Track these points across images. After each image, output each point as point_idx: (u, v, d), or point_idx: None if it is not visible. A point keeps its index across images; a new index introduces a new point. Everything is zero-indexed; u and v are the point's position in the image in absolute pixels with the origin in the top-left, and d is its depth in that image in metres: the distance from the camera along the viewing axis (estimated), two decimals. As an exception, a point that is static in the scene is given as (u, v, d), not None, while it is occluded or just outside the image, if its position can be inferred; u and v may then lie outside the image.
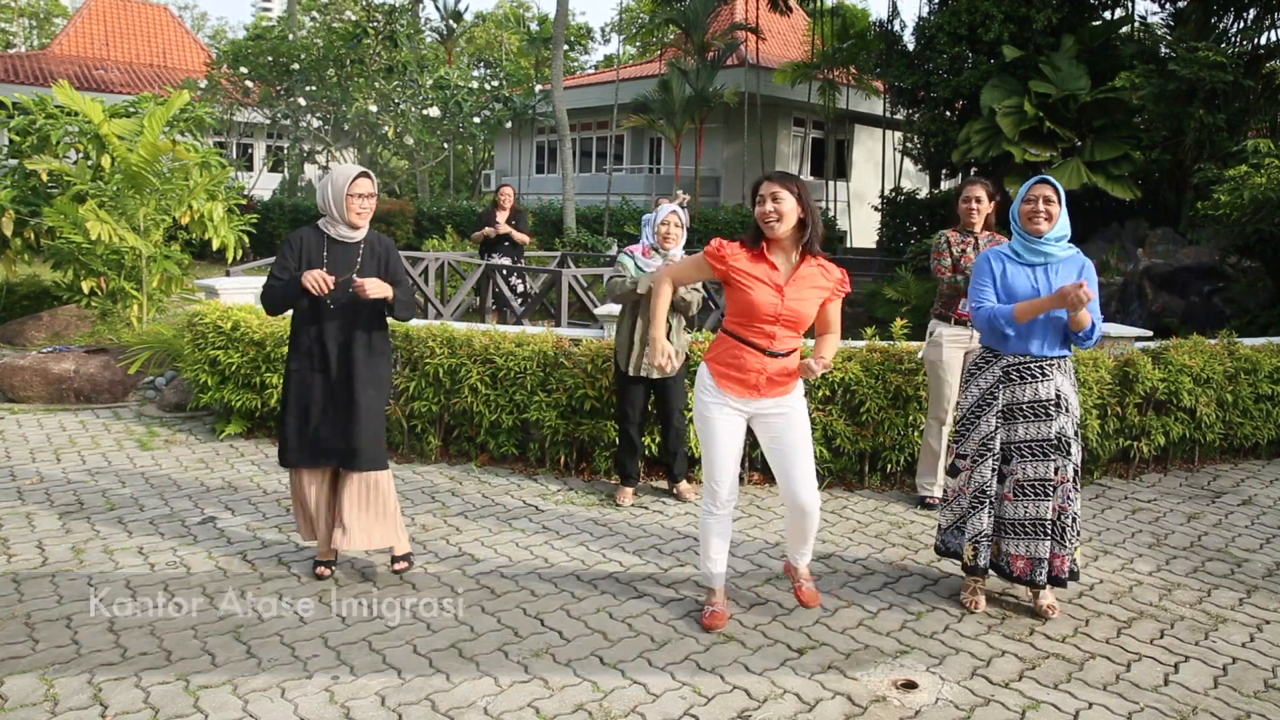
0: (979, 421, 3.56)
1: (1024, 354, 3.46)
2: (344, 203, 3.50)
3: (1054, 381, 3.45)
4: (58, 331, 8.77)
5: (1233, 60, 12.53)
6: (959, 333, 4.65)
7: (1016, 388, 3.48)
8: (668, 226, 4.57)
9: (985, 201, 4.63)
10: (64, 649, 3.11)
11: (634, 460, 4.82)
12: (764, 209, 3.14)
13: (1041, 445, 3.45)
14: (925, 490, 4.89)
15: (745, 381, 3.24)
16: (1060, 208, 3.39)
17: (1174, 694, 3.01)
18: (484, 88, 21.76)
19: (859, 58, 21.40)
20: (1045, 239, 3.40)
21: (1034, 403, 3.45)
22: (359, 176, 3.53)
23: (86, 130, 8.37)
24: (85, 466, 5.19)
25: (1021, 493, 3.49)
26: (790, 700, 2.91)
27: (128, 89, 22.85)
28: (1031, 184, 3.44)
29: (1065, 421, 3.45)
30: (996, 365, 3.54)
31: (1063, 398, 3.45)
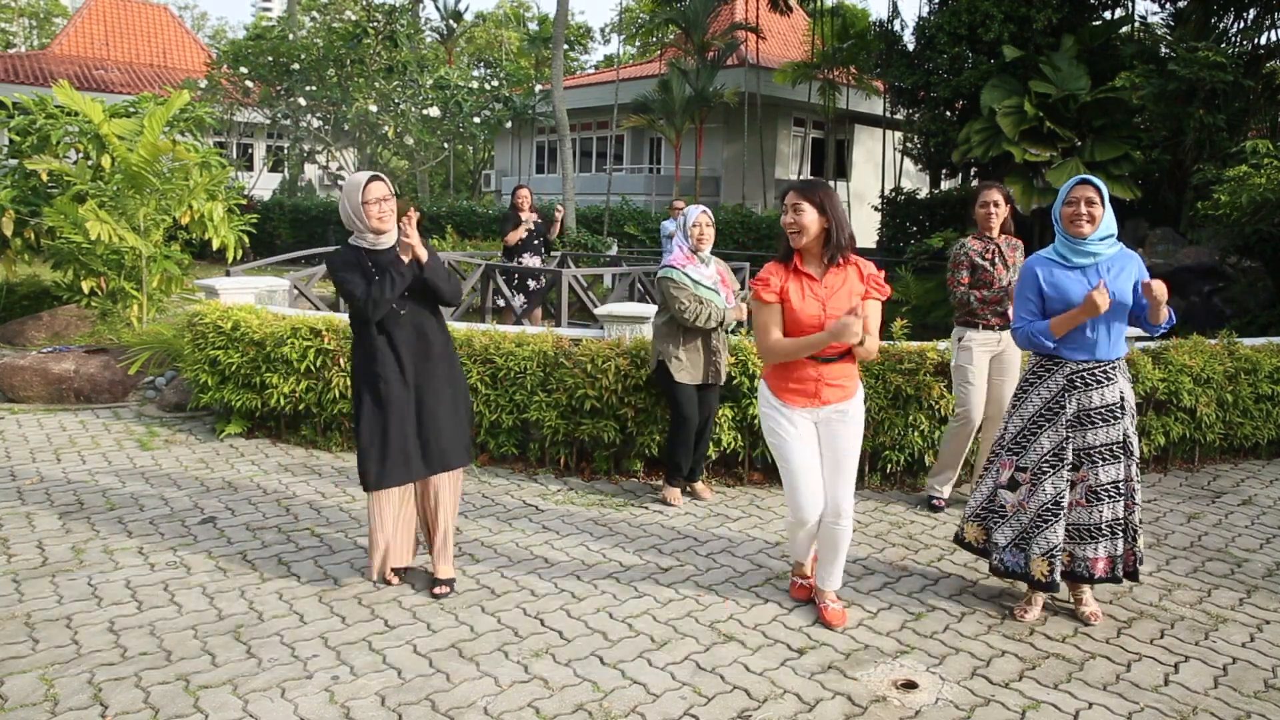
0: (1043, 432, 3.45)
1: (1090, 359, 3.40)
2: (362, 211, 3.43)
3: (1118, 384, 3.41)
4: (58, 331, 8.77)
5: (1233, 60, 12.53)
6: (988, 337, 4.64)
7: (1082, 394, 3.40)
8: (700, 228, 4.59)
9: (1003, 205, 4.62)
10: (64, 649, 3.11)
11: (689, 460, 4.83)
12: (786, 220, 3.22)
13: (1113, 449, 3.40)
14: (935, 492, 4.86)
15: (804, 390, 3.29)
16: (1103, 208, 3.31)
17: (1174, 694, 3.01)
18: (484, 88, 21.76)
19: (859, 58, 21.41)
20: (1090, 239, 3.34)
21: (1104, 407, 3.39)
22: (370, 181, 3.44)
23: (86, 130, 8.38)
24: (85, 466, 5.19)
25: (1096, 498, 3.42)
26: (790, 700, 2.91)
27: (128, 89, 22.86)
28: (1072, 185, 3.36)
29: (1129, 423, 3.42)
30: (1059, 373, 3.43)
31: (1125, 399, 3.42)
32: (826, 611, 3.47)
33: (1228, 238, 10.02)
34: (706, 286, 4.59)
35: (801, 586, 3.68)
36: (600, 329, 5.78)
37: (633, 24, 35.79)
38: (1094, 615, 3.51)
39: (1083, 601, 3.56)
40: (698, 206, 4.66)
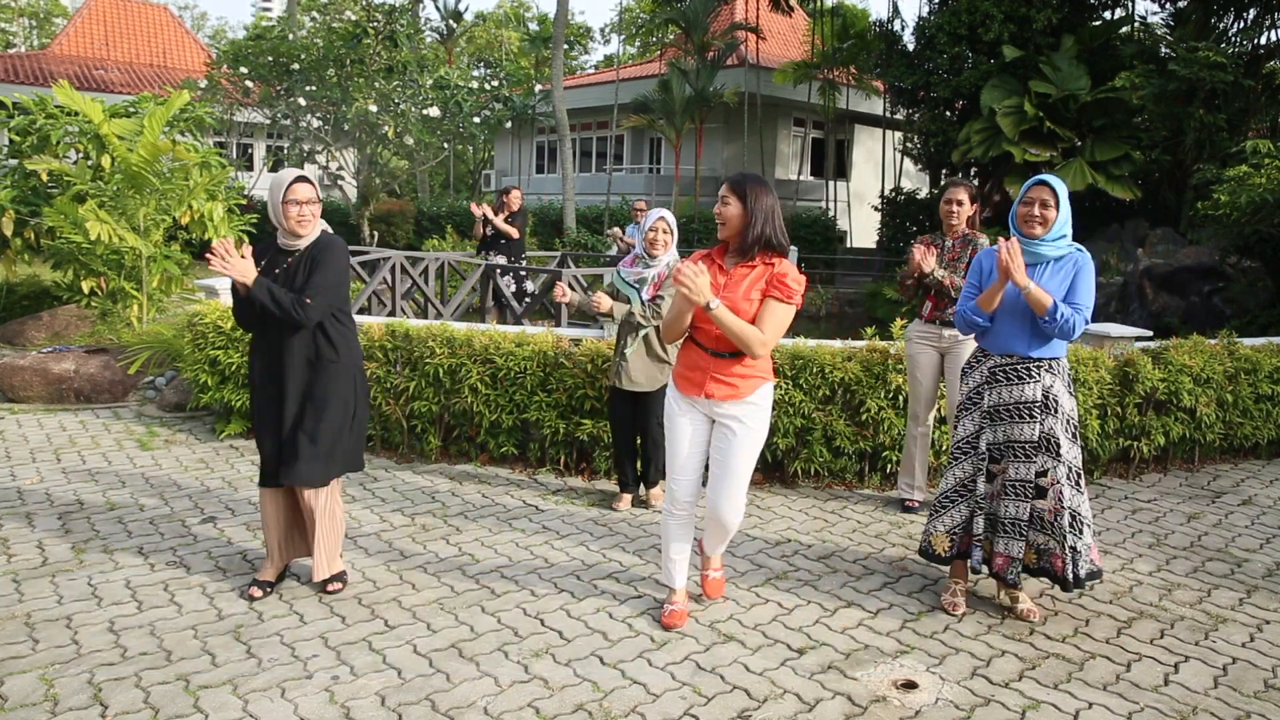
0: (964, 419, 3.60)
1: (1010, 354, 3.46)
2: (280, 210, 3.37)
3: (1041, 382, 3.42)
4: (58, 331, 8.77)
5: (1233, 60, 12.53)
6: (927, 330, 4.66)
7: (1002, 388, 3.47)
8: (655, 233, 4.44)
9: (967, 204, 4.61)
10: (64, 649, 3.11)
11: (631, 467, 4.80)
12: (715, 209, 3.23)
13: (1024, 446, 3.44)
14: (904, 492, 4.86)
15: (693, 379, 3.26)
16: (1057, 211, 3.35)
17: (1174, 694, 3.01)
18: (484, 88, 21.75)
19: (859, 58, 21.41)
20: (1040, 240, 3.37)
21: (1019, 404, 3.44)
22: (295, 181, 3.36)
23: (86, 130, 8.38)
24: (85, 466, 5.19)
25: (1005, 492, 3.49)
26: (790, 700, 2.91)
27: (128, 89, 22.87)
28: (1030, 185, 3.42)
29: (1053, 423, 3.42)
30: (984, 365, 3.55)
31: (1051, 398, 3.42)
32: (707, 581, 3.57)
33: (1228, 238, 10.03)
34: (627, 283, 4.51)
35: (674, 611, 3.43)
36: (600, 329, 5.78)
37: (633, 24, 35.81)
38: (1029, 612, 3.52)
39: (1015, 600, 3.58)
40: (659, 211, 4.53)
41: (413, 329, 5.42)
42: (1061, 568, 3.47)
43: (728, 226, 3.18)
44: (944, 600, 3.63)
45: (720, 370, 3.20)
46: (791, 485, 5.14)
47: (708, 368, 3.21)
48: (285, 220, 3.38)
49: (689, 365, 3.28)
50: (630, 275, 4.52)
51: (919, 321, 4.72)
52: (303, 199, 3.36)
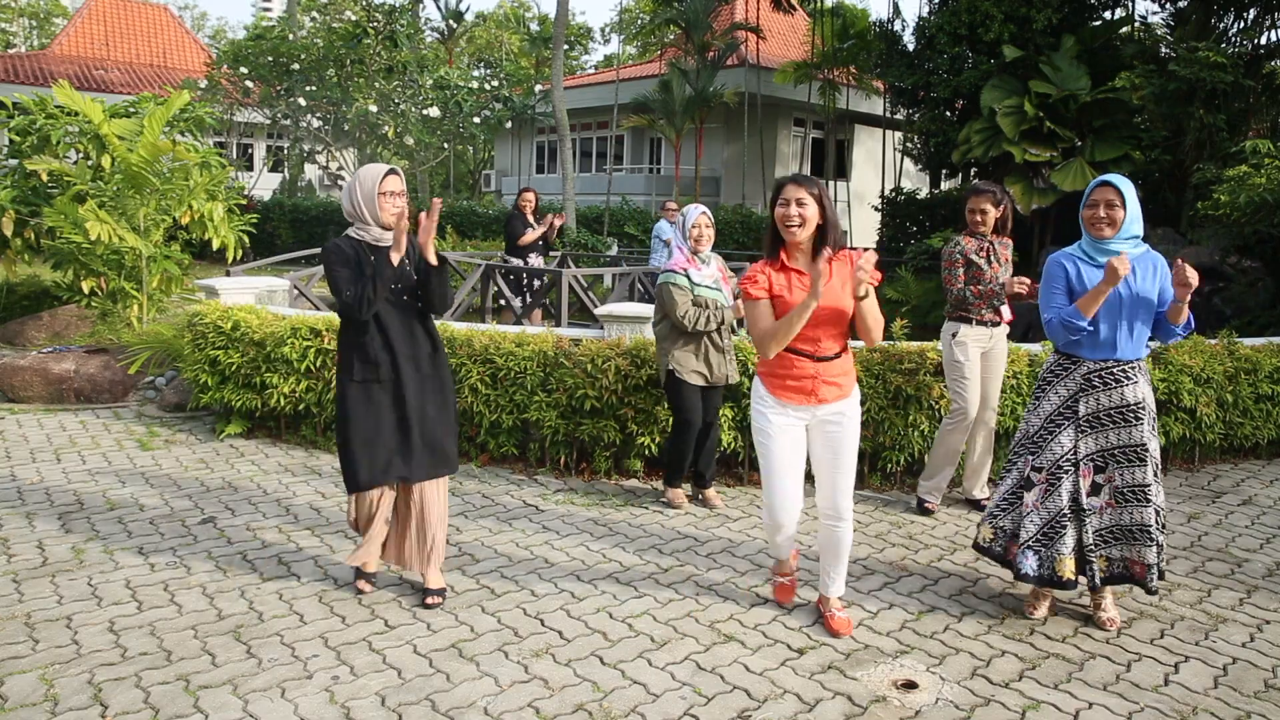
0: (1061, 432, 3.43)
1: (1108, 359, 3.37)
2: (375, 202, 3.34)
3: (1138, 385, 3.37)
4: (58, 331, 8.77)
5: (1233, 60, 12.53)
6: (981, 333, 4.65)
7: (1101, 394, 3.37)
8: (699, 229, 4.56)
9: (991, 211, 4.63)
10: (64, 649, 3.11)
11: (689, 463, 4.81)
12: (786, 211, 3.14)
13: (1136, 450, 3.36)
14: (927, 496, 4.81)
15: (801, 388, 3.23)
16: (1124, 210, 3.28)
17: (1174, 694, 3.01)
18: (484, 88, 21.76)
19: (859, 58, 21.41)
20: (1112, 240, 3.31)
21: (1122, 408, 3.36)
22: (389, 174, 3.36)
23: (87, 130, 8.38)
24: (85, 466, 5.19)
25: (1123, 499, 3.40)
26: (790, 700, 2.91)
27: (128, 89, 22.86)
28: (1094, 186, 3.33)
29: (1148, 425, 3.38)
30: (1076, 373, 3.40)
31: (1146, 402, 3.38)
32: (833, 620, 3.40)
33: (1228, 238, 10.02)
34: (708, 286, 4.58)
35: (783, 586, 3.63)
36: (600, 329, 5.78)
37: (633, 24, 35.80)
38: (1110, 621, 3.47)
39: (1101, 606, 3.51)
40: (697, 207, 4.62)
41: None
42: (1143, 572, 3.42)
43: (806, 227, 3.14)
44: (1031, 608, 3.57)
45: (828, 374, 3.23)
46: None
47: (816, 374, 3.22)
48: (379, 212, 3.36)
49: (792, 375, 3.23)
50: (707, 278, 4.61)
51: (966, 325, 4.65)
52: (396, 190, 3.38)
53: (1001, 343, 4.74)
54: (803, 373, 3.23)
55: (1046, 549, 3.45)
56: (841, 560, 3.41)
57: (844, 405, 3.29)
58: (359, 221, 3.40)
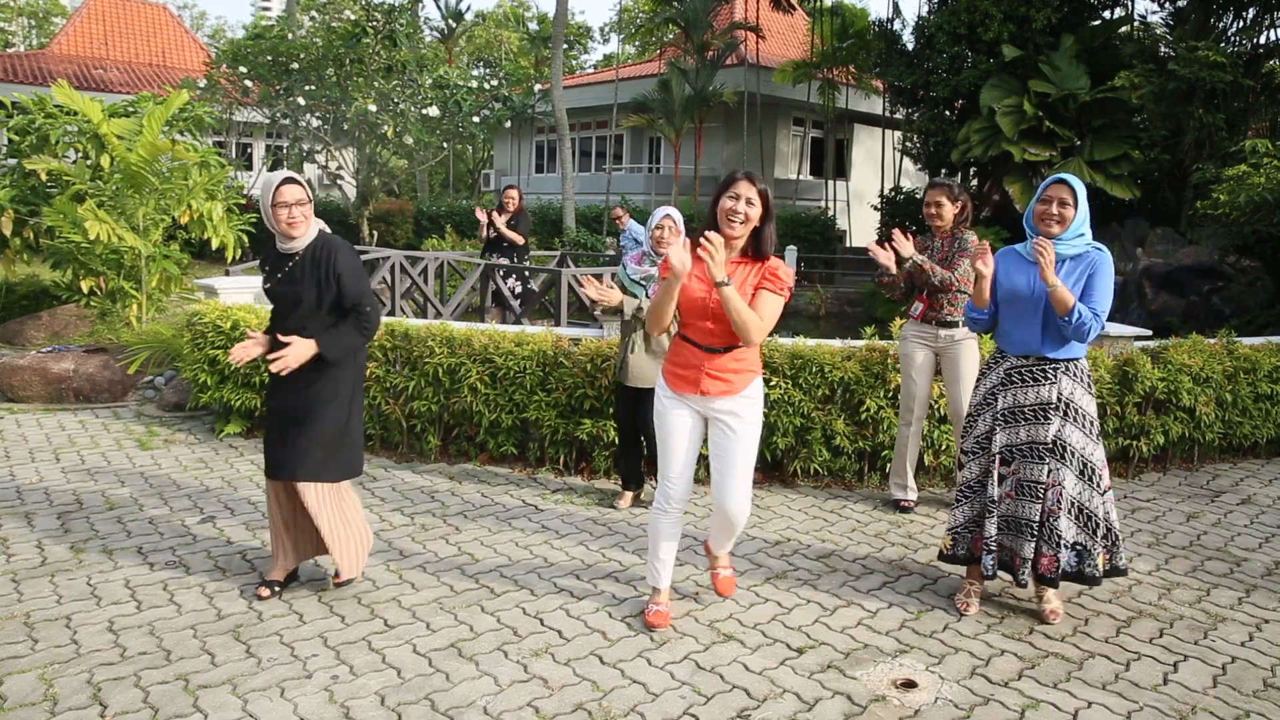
0: (979, 419, 3.58)
1: (1027, 355, 3.44)
2: (270, 214, 3.32)
3: (1057, 385, 3.40)
4: (57, 331, 8.76)
5: (1232, 60, 12.53)
6: (922, 330, 4.66)
7: (1018, 390, 3.46)
8: (662, 231, 4.46)
9: (947, 205, 4.61)
10: (63, 648, 3.11)
11: (634, 465, 4.80)
12: (734, 206, 3.11)
13: (1037, 448, 3.42)
14: (897, 493, 4.84)
15: (686, 377, 3.23)
16: (1075, 209, 3.33)
17: (1173, 693, 3.01)
18: (483, 87, 21.73)
19: (859, 57, 21.43)
20: (1057, 240, 3.34)
21: (1035, 405, 3.42)
22: (282, 184, 3.31)
23: (86, 130, 8.37)
24: (84, 466, 5.19)
25: (1020, 492, 3.48)
26: (790, 699, 2.91)
27: (127, 88, 22.85)
28: (1048, 184, 3.39)
29: (1068, 427, 3.40)
30: (1001, 366, 3.53)
31: (1065, 400, 3.41)
32: (717, 579, 3.55)
33: (1227, 237, 10.03)
34: (633, 280, 4.54)
35: (658, 612, 3.41)
36: (600, 328, 5.78)
37: (632, 23, 35.78)
38: (1053, 614, 3.51)
39: (1043, 599, 3.57)
40: (665, 208, 4.55)
41: (412, 328, 5.42)
42: (1018, 565, 3.47)
43: (746, 225, 3.12)
44: (957, 599, 3.63)
45: (714, 366, 3.19)
46: (791, 485, 5.14)
47: (701, 364, 3.20)
48: (277, 224, 3.34)
49: (680, 363, 3.26)
50: (637, 273, 4.55)
51: (911, 321, 4.72)
52: (291, 200, 3.31)
53: (963, 347, 4.58)
54: (688, 361, 3.23)
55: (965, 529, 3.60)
56: (731, 538, 3.50)
57: (734, 404, 3.21)
58: None
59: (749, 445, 3.26)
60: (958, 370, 4.60)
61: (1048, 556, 3.46)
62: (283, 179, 3.33)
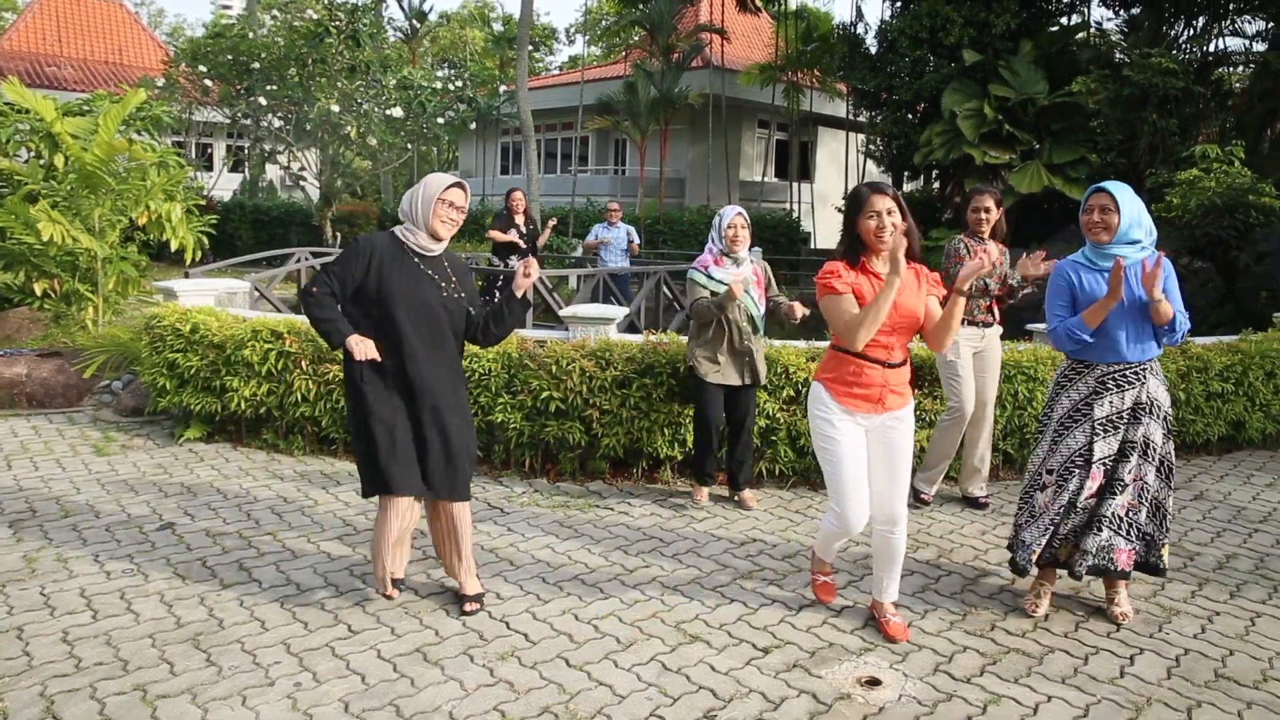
0: (1070, 434, 3.50)
1: (1119, 362, 3.43)
2: (433, 207, 3.25)
3: (1146, 386, 3.44)
4: (9, 334, 8.55)
5: (1184, 67, 12.84)
6: (971, 332, 4.74)
7: (1113, 396, 3.44)
8: (735, 229, 4.53)
9: (995, 210, 4.71)
10: (15, 660, 3.03)
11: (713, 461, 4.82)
12: (881, 224, 3.11)
13: (1126, 447, 3.44)
14: (921, 486, 4.93)
15: (869, 396, 3.21)
16: (1119, 214, 3.35)
17: (1129, 685, 3.08)
18: (448, 88, 21.58)
19: (823, 60, 21.61)
20: (1111, 245, 3.38)
21: (1130, 409, 3.43)
22: (454, 186, 3.29)
23: (38, 128, 8.19)
24: (38, 473, 5.07)
25: (1100, 490, 3.49)
26: (756, 699, 2.93)
27: (82, 86, 22.38)
28: (1090, 194, 3.44)
29: (1152, 423, 3.44)
30: (1090, 376, 3.47)
31: (1153, 400, 3.44)
32: (890, 626, 3.38)
33: (1180, 239, 10.27)
34: (720, 282, 4.57)
35: (826, 584, 3.64)
36: (565, 330, 5.77)
37: (597, 25, 35.77)
38: (1123, 615, 3.52)
39: (1114, 601, 3.58)
40: (733, 207, 4.62)
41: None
42: (1125, 561, 3.49)
43: (898, 234, 3.03)
44: (1026, 602, 3.63)
45: (895, 381, 3.24)
46: (756, 485, 5.16)
47: (885, 383, 3.21)
48: (431, 219, 3.26)
49: (860, 383, 3.20)
50: (729, 276, 4.55)
51: (962, 324, 4.67)
52: (460, 203, 3.30)
53: (995, 342, 4.86)
54: (872, 380, 3.21)
55: (1049, 539, 3.54)
56: (897, 565, 3.40)
57: (903, 411, 3.30)
58: (410, 222, 3.33)
59: (911, 446, 3.34)
60: (996, 363, 4.86)
61: (1126, 551, 3.48)
62: (455, 181, 3.30)
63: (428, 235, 3.32)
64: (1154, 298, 3.30)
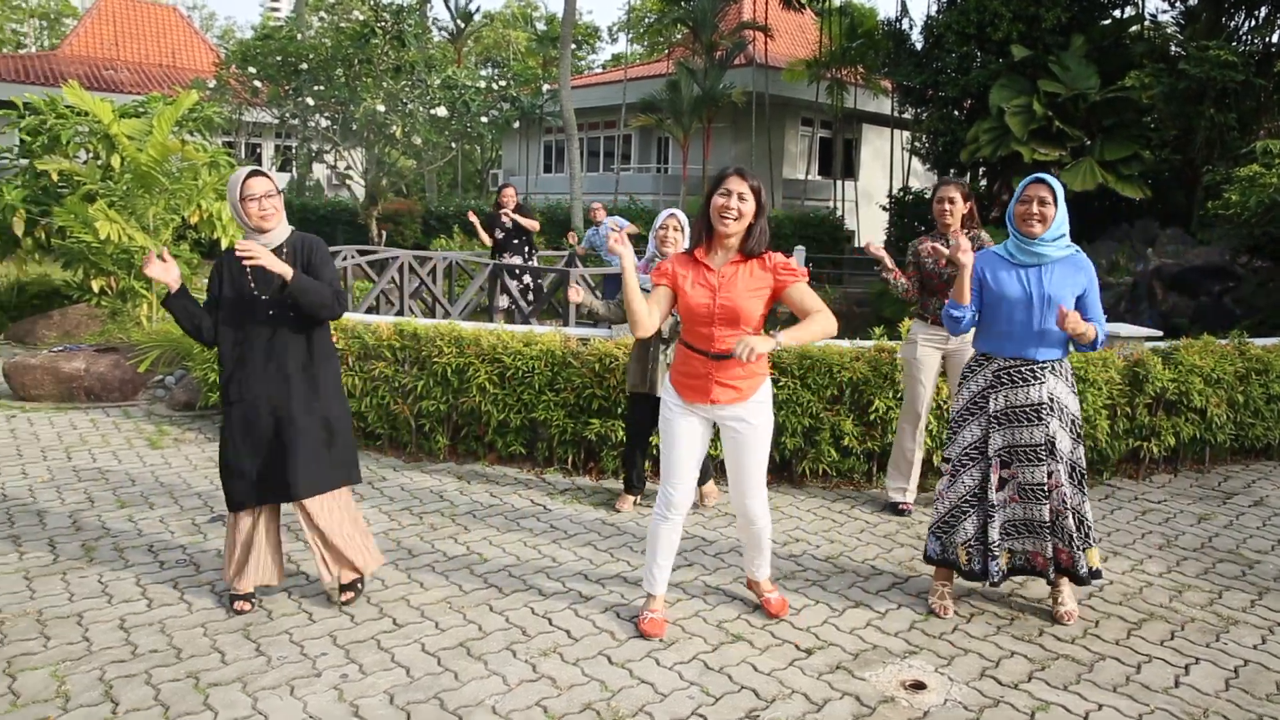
0: (967, 426, 3.53)
1: (1017, 357, 3.42)
2: (240, 209, 3.24)
3: (1046, 385, 3.40)
4: (68, 330, 8.81)
5: (1244, 59, 12.46)
6: (934, 332, 4.61)
7: (1009, 391, 3.43)
8: (666, 230, 4.44)
9: (959, 202, 4.58)
10: (75, 646, 3.12)
11: (640, 470, 4.79)
12: (726, 203, 3.08)
13: (1035, 450, 3.41)
14: (896, 496, 4.79)
15: (694, 386, 3.21)
16: (1056, 208, 3.30)
17: (1185, 696, 3.00)
18: (492, 87, 21.75)
19: (867, 57, 21.37)
20: (1040, 240, 3.33)
21: (1026, 406, 3.41)
22: (249, 176, 3.24)
23: (96, 130, 8.42)
24: (95, 464, 5.21)
25: (1025, 495, 3.46)
26: (798, 700, 2.91)
27: (137, 89, 22.96)
28: (1027, 183, 3.37)
29: (1058, 426, 3.41)
30: (988, 369, 3.49)
31: (1055, 400, 3.41)
32: (769, 604, 3.50)
33: (1238, 237, 9.99)
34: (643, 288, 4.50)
35: (654, 620, 3.35)
36: (609, 329, 5.78)
37: (640, 23, 35.78)
38: (1068, 615, 3.50)
39: (1059, 600, 3.55)
40: (669, 210, 4.52)
41: (421, 328, 5.43)
42: (1044, 565, 3.48)
43: (741, 222, 3.10)
44: (932, 604, 3.59)
45: (722, 374, 3.17)
46: (799, 485, 5.13)
47: (709, 373, 3.18)
48: (248, 218, 3.26)
49: (688, 372, 3.22)
50: (647, 281, 4.50)
51: (921, 323, 4.68)
52: (260, 193, 3.24)
53: (968, 350, 4.56)
54: (695, 370, 3.20)
55: (948, 535, 3.55)
56: (763, 551, 3.50)
57: (743, 409, 3.21)
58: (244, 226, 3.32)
59: (762, 448, 3.28)
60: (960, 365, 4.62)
61: (1065, 551, 3.44)
62: (249, 172, 3.26)
63: (255, 232, 3.29)
64: (1077, 333, 3.26)
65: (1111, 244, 13.31)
